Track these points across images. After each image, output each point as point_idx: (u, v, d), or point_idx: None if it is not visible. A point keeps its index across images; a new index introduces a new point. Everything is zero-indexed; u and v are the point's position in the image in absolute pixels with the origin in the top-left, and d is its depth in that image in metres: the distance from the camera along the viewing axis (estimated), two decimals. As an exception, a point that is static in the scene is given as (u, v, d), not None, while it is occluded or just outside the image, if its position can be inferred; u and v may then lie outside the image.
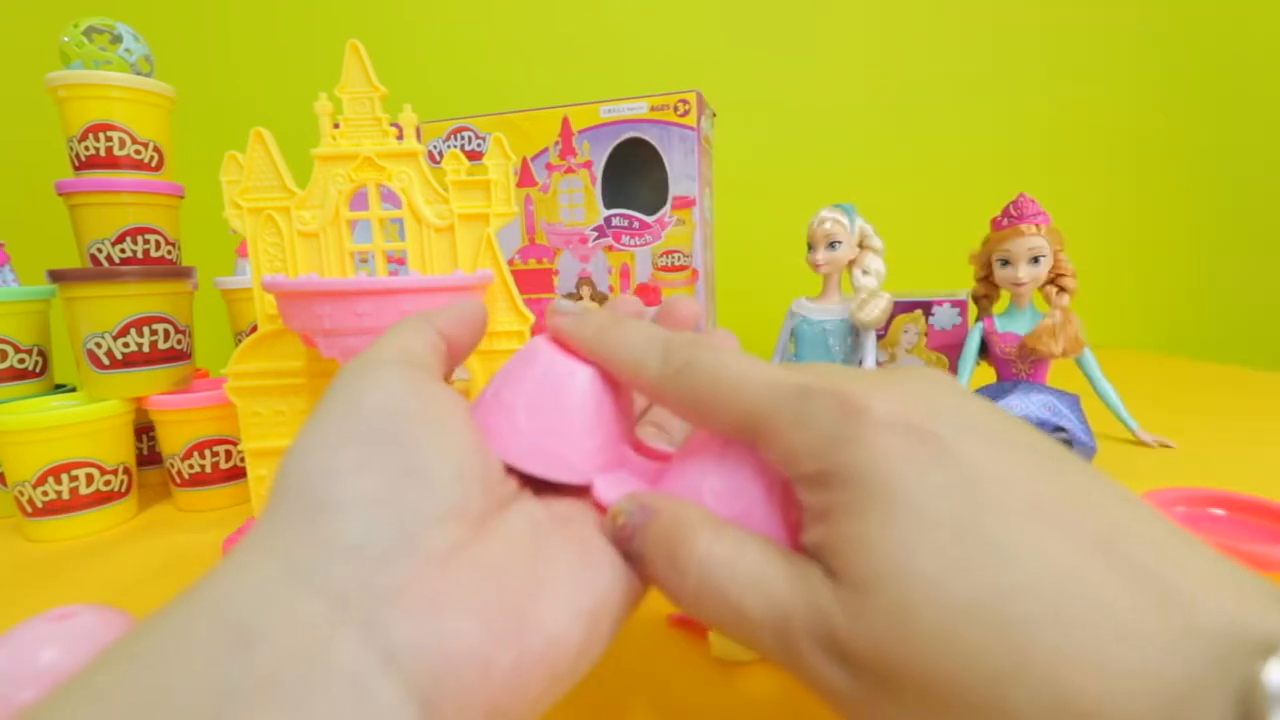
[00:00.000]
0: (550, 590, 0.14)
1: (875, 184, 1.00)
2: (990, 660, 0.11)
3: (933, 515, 0.12)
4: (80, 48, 0.42)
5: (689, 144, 0.55)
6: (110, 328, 0.42)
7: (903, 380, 0.14)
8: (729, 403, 0.15)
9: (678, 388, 0.16)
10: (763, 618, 0.13)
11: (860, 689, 0.12)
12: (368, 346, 0.17)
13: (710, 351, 0.16)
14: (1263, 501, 0.33)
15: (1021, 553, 0.11)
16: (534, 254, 0.60)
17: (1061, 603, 0.10)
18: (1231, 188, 1.00)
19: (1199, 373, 0.76)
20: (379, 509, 0.13)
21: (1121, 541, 0.11)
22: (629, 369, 0.17)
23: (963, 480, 0.12)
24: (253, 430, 0.37)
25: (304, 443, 0.14)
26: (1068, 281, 0.44)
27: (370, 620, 0.11)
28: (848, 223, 0.46)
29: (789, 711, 0.22)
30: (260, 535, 0.13)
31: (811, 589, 0.13)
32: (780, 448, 0.14)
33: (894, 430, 0.13)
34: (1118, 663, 0.10)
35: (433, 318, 0.18)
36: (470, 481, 0.14)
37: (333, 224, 0.36)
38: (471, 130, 0.59)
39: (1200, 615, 0.10)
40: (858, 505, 0.13)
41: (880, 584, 0.12)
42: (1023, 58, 0.98)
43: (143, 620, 0.12)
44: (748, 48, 0.99)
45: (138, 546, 0.39)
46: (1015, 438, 0.13)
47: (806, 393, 0.14)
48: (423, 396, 0.15)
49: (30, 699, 0.18)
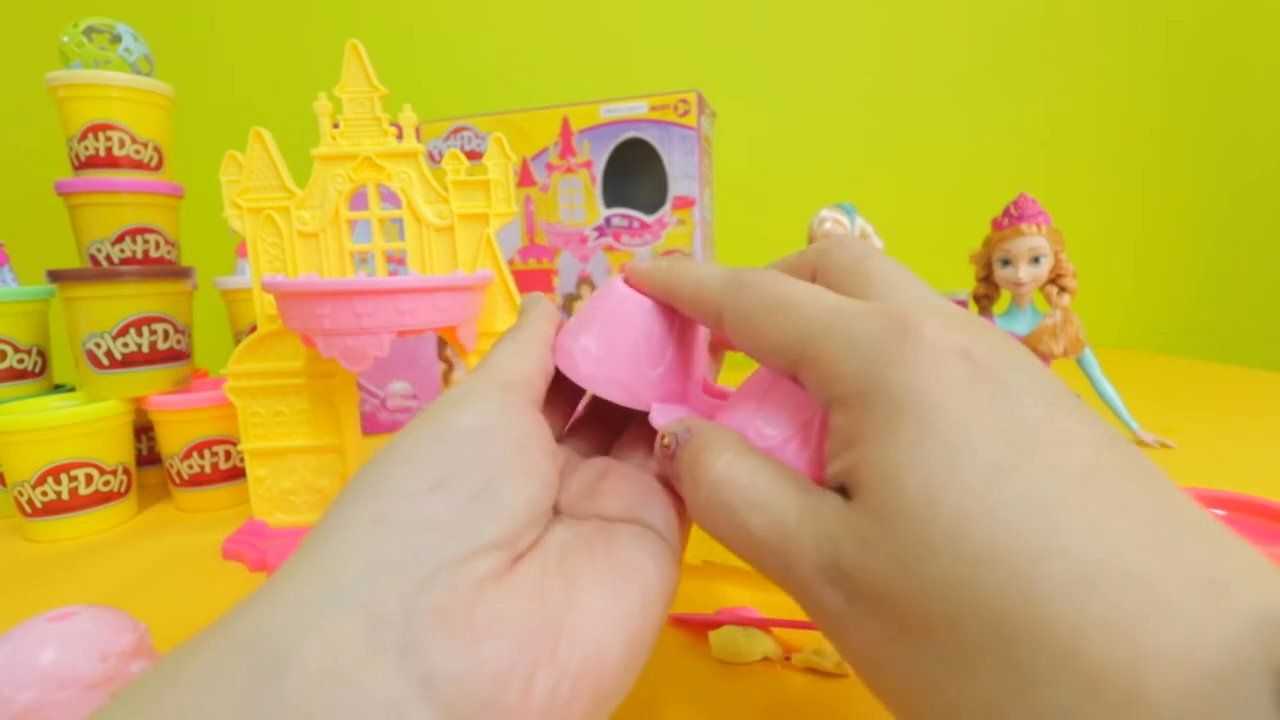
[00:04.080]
0: (584, 605, 0.14)
1: (875, 184, 1.00)
2: (1006, 615, 0.10)
3: (974, 452, 0.11)
4: (80, 48, 0.42)
5: (689, 144, 0.55)
6: (109, 328, 0.42)
7: (970, 318, 0.14)
8: (783, 322, 0.15)
9: (735, 304, 0.16)
10: (765, 537, 0.14)
11: (854, 613, 0.12)
12: (480, 361, 0.18)
13: (775, 276, 0.16)
14: (1263, 501, 0.33)
15: (1065, 513, 0.10)
16: (534, 254, 0.60)
17: (1098, 570, 0.10)
18: (1232, 188, 1.00)
19: (1199, 373, 0.76)
20: (436, 532, 0.13)
21: (1169, 521, 0.11)
22: (692, 290, 0.17)
23: (1016, 424, 0.11)
24: (252, 430, 0.37)
25: (385, 457, 0.14)
26: (1068, 281, 0.44)
27: (407, 645, 0.11)
28: (848, 222, 0.46)
29: (789, 711, 0.22)
30: (311, 547, 0.13)
31: (823, 517, 0.13)
32: (823, 368, 0.14)
33: (949, 356, 0.12)
34: (1151, 638, 0.09)
35: (543, 331, 0.19)
36: (536, 513, 0.15)
37: (332, 224, 0.36)
38: (471, 130, 0.59)
39: (1239, 600, 0.10)
40: (893, 430, 0.12)
41: (900, 516, 0.11)
42: (1024, 57, 0.98)
43: (179, 646, 0.12)
44: (748, 48, 0.98)
45: (137, 547, 0.39)
46: (1072, 401, 0.12)
47: (860, 313, 0.14)
48: (514, 422, 0.15)
49: (30, 699, 0.18)
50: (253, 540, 0.36)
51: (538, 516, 0.15)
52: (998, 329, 0.14)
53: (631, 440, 0.21)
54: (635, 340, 0.19)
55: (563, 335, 0.19)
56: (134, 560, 0.37)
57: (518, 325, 0.19)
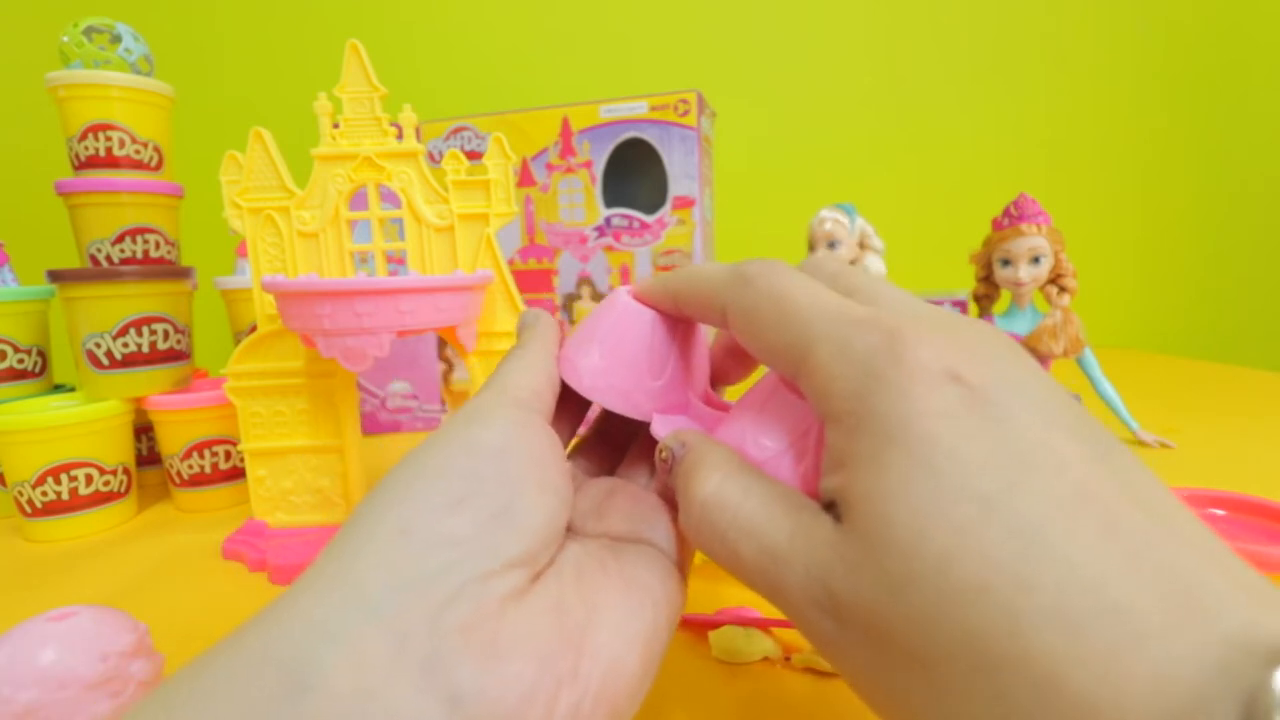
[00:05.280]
0: (602, 623, 0.14)
1: (875, 184, 1.00)
2: (991, 647, 0.10)
3: (964, 487, 0.11)
4: (80, 48, 0.42)
5: (689, 144, 0.55)
6: (109, 328, 0.42)
7: (962, 326, 0.14)
8: (786, 322, 0.15)
9: (741, 299, 0.16)
10: (754, 562, 0.14)
11: (845, 638, 0.12)
12: (491, 377, 0.18)
13: (778, 271, 0.16)
14: (1263, 501, 0.33)
15: (1050, 543, 0.10)
16: (534, 254, 0.60)
17: (1079, 602, 0.10)
18: (1232, 188, 1.00)
19: (1199, 373, 0.76)
20: (460, 548, 0.13)
21: (1158, 541, 0.11)
22: (697, 289, 0.17)
23: (1008, 454, 0.11)
24: (252, 430, 0.37)
25: (405, 471, 0.14)
26: (1068, 281, 0.44)
27: (433, 662, 0.11)
28: (848, 222, 0.46)
29: (789, 711, 0.22)
30: (332, 558, 0.13)
31: (813, 540, 0.13)
32: (818, 379, 0.13)
33: (940, 381, 0.12)
34: (1125, 669, 0.10)
35: (549, 346, 0.19)
36: (554, 530, 0.15)
37: (332, 224, 0.36)
38: (471, 130, 0.59)
39: (1219, 624, 0.10)
40: (883, 457, 0.12)
41: (888, 546, 0.11)
42: (1024, 57, 0.98)
43: (197, 658, 0.11)
44: (748, 48, 0.98)
45: (137, 547, 0.39)
46: (1067, 411, 0.12)
47: (855, 323, 0.13)
48: (531, 439, 0.16)
49: (30, 699, 0.18)
50: (253, 540, 0.36)
51: (556, 533, 0.15)
52: (993, 332, 0.14)
53: (635, 459, 0.21)
54: (638, 351, 0.19)
55: (566, 347, 0.20)
56: (134, 560, 0.37)
57: (523, 341, 0.20)
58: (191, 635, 0.28)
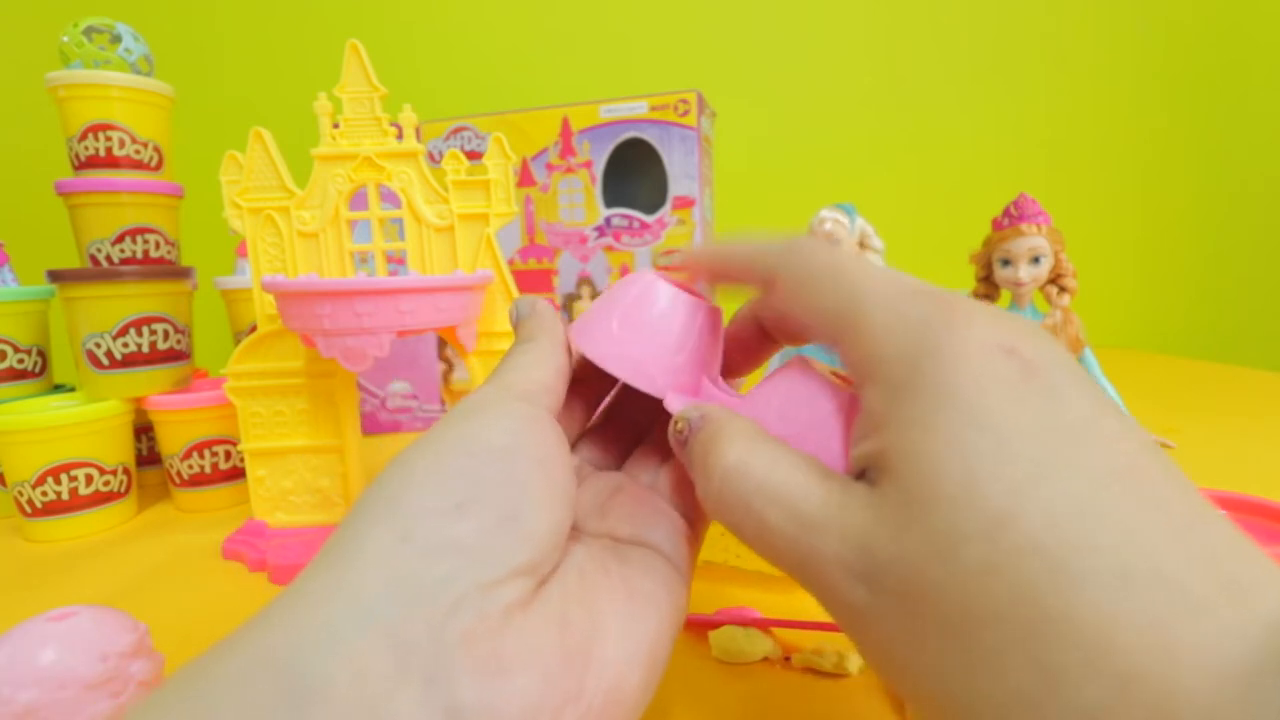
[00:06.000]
0: (606, 637, 0.14)
1: (875, 184, 1.00)
2: (1039, 608, 0.10)
3: (1019, 450, 0.11)
4: (80, 48, 0.42)
5: (689, 144, 0.55)
6: (109, 328, 0.42)
7: (1007, 313, 0.14)
8: (834, 286, 0.15)
9: (793, 263, 0.16)
10: (782, 529, 0.13)
11: (878, 607, 0.12)
12: (495, 371, 0.17)
13: (837, 248, 0.16)
14: (1263, 501, 0.33)
15: (1104, 512, 0.11)
16: (534, 254, 0.60)
17: (1138, 565, 0.10)
18: (1232, 187, 1.00)
19: (1199, 373, 0.76)
20: (463, 555, 0.12)
21: (1197, 523, 0.11)
22: (751, 250, 0.17)
23: (1062, 425, 0.11)
24: (252, 430, 0.37)
25: (403, 469, 0.14)
26: (1068, 281, 0.44)
27: (435, 674, 0.11)
28: (848, 223, 0.46)
29: (789, 711, 0.22)
30: (331, 561, 0.13)
31: (850, 506, 0.13)
32: (867, 342, 0.14)
33: (995, 353, 0.12)
34: (1183, 638, 0.09)
35: (557, 336, 0.19)
36: (560, 537, 0.14)
37: (332, 224, 0.36)
38: (471, 130, 0.59)
39: (1261, 606, 0.10)
40: (934, 418, 0.12)
41: (936, 503, 0.11)
42: (1024, 57, 0.98)
43: (194, 660, 0.11)
44: (748, 48, 0.98)
45: (137, 547, 0.39)
46: (1110, 399, 0.13)
47: (912, 293, 0.14)
48: (537, 438, 0.15)
49: (30, 699, 0.18)
50: (253, 540, 0.36)
51: (562, 539, 0.15)
52: (1036, 325, 0.14)
53: (644, 454, 0.21)
54: (657, 326, 0.19)
55: (582, 317, 0.19)
56: (134, 560, 0.37)
57: (529, 333, 0.19)
58: (191, 635, 0.28)
